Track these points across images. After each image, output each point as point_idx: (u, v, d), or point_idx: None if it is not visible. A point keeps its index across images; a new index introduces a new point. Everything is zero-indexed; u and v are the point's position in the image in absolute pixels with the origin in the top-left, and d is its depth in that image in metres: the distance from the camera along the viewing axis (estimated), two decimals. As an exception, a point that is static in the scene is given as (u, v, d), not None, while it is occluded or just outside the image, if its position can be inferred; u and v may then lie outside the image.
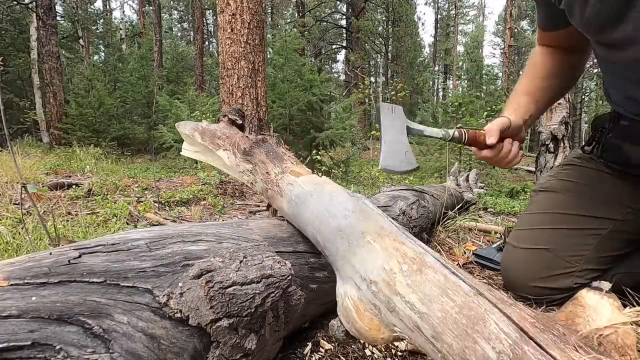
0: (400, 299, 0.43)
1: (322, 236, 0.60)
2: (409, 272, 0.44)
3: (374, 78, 21.91)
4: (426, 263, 0.44)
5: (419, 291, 0.41)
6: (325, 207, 0.62)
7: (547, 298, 1.01)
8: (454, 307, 0.38)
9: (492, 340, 0.34)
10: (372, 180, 4.66)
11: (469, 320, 0.37)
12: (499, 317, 0.36)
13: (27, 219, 1.43)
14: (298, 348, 0.74)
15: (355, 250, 0.51)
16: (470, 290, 0.39)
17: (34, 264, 0.41)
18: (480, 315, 0.37)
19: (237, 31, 4.07)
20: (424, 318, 0.40)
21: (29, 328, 0.35)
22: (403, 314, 0.42)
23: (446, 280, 0.41)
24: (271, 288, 0.51)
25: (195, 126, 0.92)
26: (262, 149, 0.84)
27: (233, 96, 4.19)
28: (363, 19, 16.46)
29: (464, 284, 0.40)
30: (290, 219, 0.74)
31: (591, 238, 0.99)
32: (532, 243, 1.03)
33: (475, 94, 10.57)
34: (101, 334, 0.38)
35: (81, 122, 8.90)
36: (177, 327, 0.45)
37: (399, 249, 0.47)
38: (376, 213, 0.57)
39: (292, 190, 0.71)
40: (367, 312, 0.47)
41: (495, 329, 0.35)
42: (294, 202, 0.70)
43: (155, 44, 14.22)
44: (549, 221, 1.03)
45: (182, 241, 0.54)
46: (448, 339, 0.37)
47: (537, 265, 1.01)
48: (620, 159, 0.97)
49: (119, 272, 0.44)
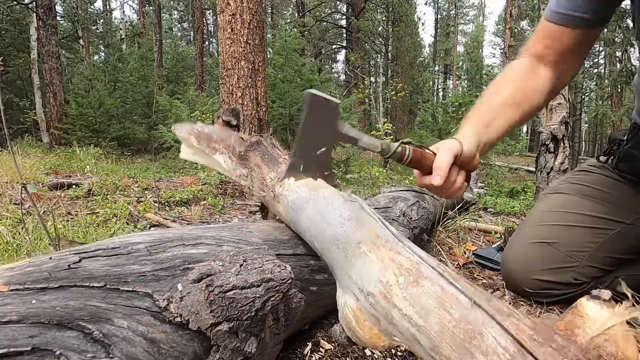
0: (397, 312, 0.42)
1: (319, 244, 0.59)
2: (405, 284, 0.43)
3: (374, 78, 21.91)
4: (422, 274, 0.44)
5: (415, 304, 0.41)
6: (321, 214, 0.61)
7: (547, 293, 1.01)
8: (451, 321, 0.38)
9: (490, 355, 0.34)
10: (372, 180, 4.66)
11: (466, 334, 0.36)
12: (496, 330, 0.36)
13: (27, 219, 1.43)
14: (298, 348, 0.74)
15: (351, 261, 0.51)
16: (468, 302, 0.39)
17: (34, 268, 0.41)
18: (477, 329, 0.36)
19: (237, 31, 4.06)
20: (421, 331, 0.40)
21: (29, 333, 0.35)
22: (401, 326, 0.42)
23: (443, 292, 0.41)
24: (271, 292, 0.51)
25: (191, 129, 0.89)
26: (257, 152, 0.82)
27: (233, 96, 4.19)
28: (363, 19, 16.45)
29: (462, 296, 0.40)
30: (289, 224, 0.74)
31: (597, 236, 0.99)
32: (535, 237, 1.04)
33: (475, 94, 10.57)
34: (101, 338, 0.38)
35: (81, 122, 8.90)
36: (177, 331, 0.45)
37: (395, 260, 0.47)
38: (373, 220, 0.56)
39: (288, 196, 0.69)
40: (367, 322, 0.47)
41: (493, 343, 0.35)
42: (290, 208, 0.69)
43: (155, 44, 14.21)
44: (556, 218, 1.05)
45: (182, 245, 0.54)
46: (446, 352, 0.37)
47: (538, 257, 1.02)
48: (635, 169, 0.98)
49: (119, 277, 0.44)
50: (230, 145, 0.83)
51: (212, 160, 0.87)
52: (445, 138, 2.64)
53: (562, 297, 1.01)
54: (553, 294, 1.01)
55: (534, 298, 1.04)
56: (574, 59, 0.89)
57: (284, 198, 0.70)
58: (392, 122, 13.92)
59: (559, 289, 1.01)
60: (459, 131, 0.79)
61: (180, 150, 0.95)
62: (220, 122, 0.90)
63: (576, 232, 1.01)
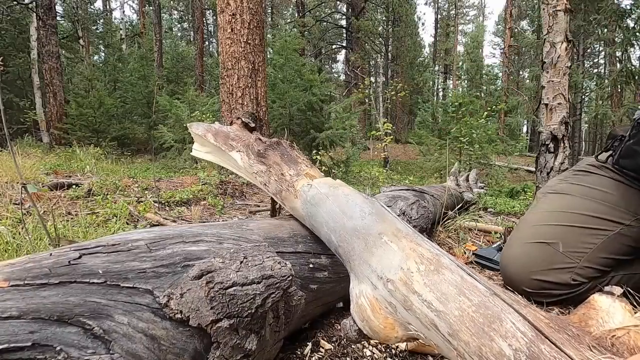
0: (417, 297, 0.44)
1: (337, 236, 0.61)
2: (426, 271, 0.45)
3: (374, 78, 21.90)
4: (443, 264, 0.45)
5: (436, 290, 0.43)
6: (341, 209, 0.63)
7: (546, 293, 1.01)
8: (470, 306, 0.39)
9: (509, 338, 0.35)
10: (372, 180, 4.66)
11: (486, 318, 0.38)
12: (515, 316, 0.37)
13: (27, 219, 1.43)
14: (298, 348, 0.74)
15: (372, 250, 0.52)
16: (487, 291, 0.40)
17: (34, 264, 0.41)
18: (496, 314, 0.38)
19: (237, 31, 4.07)
20: (440, 316, 0.41)
21: (29, 329, 0.35)
22: (420, 312, 0.43)
23: (463, 281, 0.42)
24: (272, 289, 0.51)
25: (208, 127, 0.94)
26: (277, 151, 0.86)
27: (233, 96, 4.19)
28: (363, 19, 16.45)
29: (480, 285, 0.41)
30: (304, 220, 0.76)
31: (596, 237, 0.99)
32: (535, 238, 1.04)
33: (475, 94, 10.59)
34: (101, 334, 0.38)
35: (81, 122, 8.90)
36: (177, 327, 0.45)
37: (416, 250, 0.48)
38: (392, 216, 0.58)
39: (308, 192, 0.73)
40: (383, 311, 0.48)
41: (512, 327, 0.36)
42: (309, 203, 0.71)
43: (155, 44, 14.21)
44: (554, 219, 1.04)
45: (183, 242, 0.54)
46: (465, 337, 0.38)
47: (538, 258, 1.01)
48: (637, 165, 0.98)
49: (120, 273, 0.44)
50: (249, 143, 0.87)
51: (226, 157, 0.91)
52: (445, 138, 2.63)
53: (562, 297, 1.02)
54: (552, 294, 1.01)
55: (533, 298, 1.04)
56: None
57: (303, 193, 0.73)
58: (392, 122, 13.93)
59: (558, 289, 1.01)
60: None
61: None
62: (240, 122, 0.94)
63: (575, 232, 1.00)
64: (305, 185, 0.74)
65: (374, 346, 0.77)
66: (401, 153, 13.77)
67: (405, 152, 13.71)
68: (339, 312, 0.91)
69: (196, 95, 8.74)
